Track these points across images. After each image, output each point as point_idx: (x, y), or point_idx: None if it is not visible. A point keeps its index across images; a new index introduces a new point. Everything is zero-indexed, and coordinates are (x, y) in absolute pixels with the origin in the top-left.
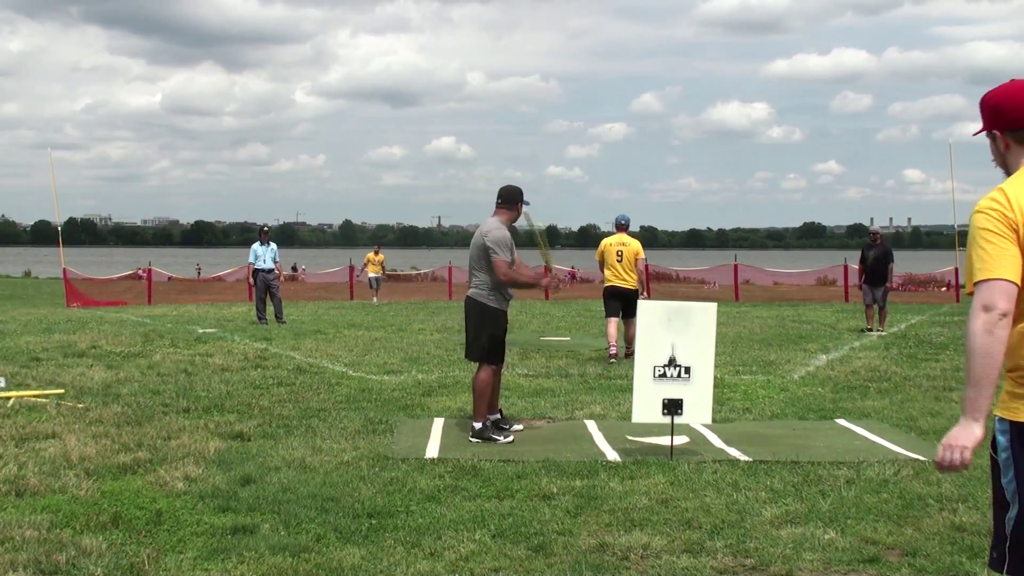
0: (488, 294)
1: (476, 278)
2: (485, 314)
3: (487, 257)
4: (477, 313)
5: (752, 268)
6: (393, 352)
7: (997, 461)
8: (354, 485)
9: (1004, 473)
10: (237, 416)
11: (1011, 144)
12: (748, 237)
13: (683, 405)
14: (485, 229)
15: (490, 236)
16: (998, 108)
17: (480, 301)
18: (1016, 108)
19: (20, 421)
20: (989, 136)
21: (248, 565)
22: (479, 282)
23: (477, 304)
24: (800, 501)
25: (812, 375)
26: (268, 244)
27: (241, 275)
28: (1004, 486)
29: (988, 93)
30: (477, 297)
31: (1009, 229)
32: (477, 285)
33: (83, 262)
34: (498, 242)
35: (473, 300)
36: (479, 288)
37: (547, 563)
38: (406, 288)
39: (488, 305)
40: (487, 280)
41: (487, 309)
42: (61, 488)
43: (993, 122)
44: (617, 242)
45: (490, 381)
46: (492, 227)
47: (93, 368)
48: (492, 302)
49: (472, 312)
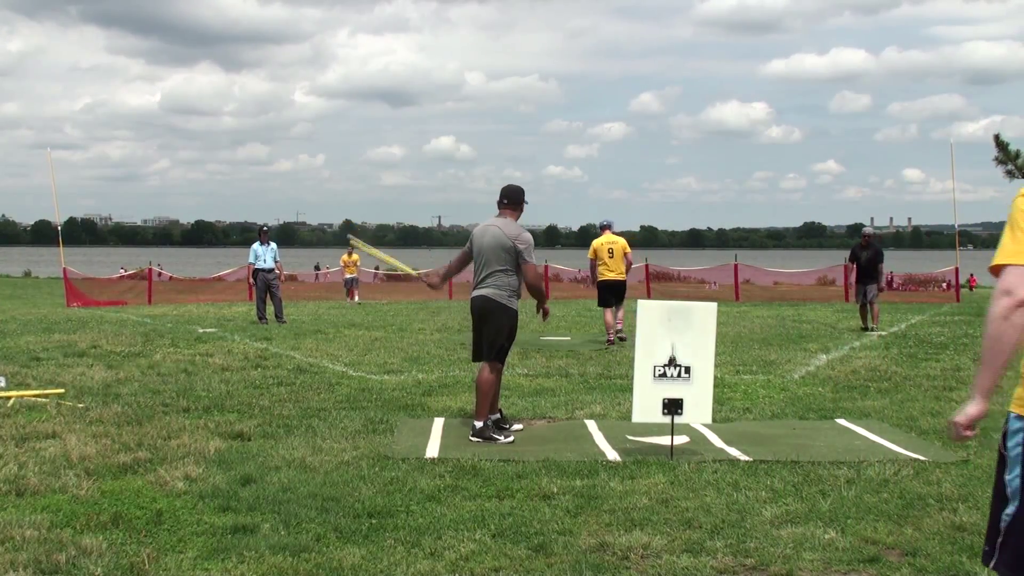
0: (509, 295)
1: (495, 279)
2: (507, 316)
3: (515, 260)
4: (497, 315)
5: (752, 268)
6: (393, 352)
7: (1005, 456)
8: (354, 485)
9: (1010, 469)
10: (237, 416)
11: None
12: (748, 237)
13: (683, 405)
14: (511, 232)
15: (521, 239)
16: None
17: (501, 303)
18: None
19: (20, 421)
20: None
21: (248, 565)
22: (500, 283)
23: (498, 306)
24: (800, 501)
25: (812, 375)
26: (268, 244)
27: (241, 275)
28: (1008, 482)
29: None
30: (498, 299)
31: None
32: (497, 286)
33: (83, 262)
34: (530, 246)
35: (494, 302)
36: (499, 289)
37: (547, 563)
38: (406, 288)
39: (510, 307)
40: (509, 282)
41: (509, 311)
42: (61, 488)
43: None
44: (607, 241)
45: (495, 380)
46: (518, 230)
47: (93, 368)
48: (513, 304)
49: (491, 314)
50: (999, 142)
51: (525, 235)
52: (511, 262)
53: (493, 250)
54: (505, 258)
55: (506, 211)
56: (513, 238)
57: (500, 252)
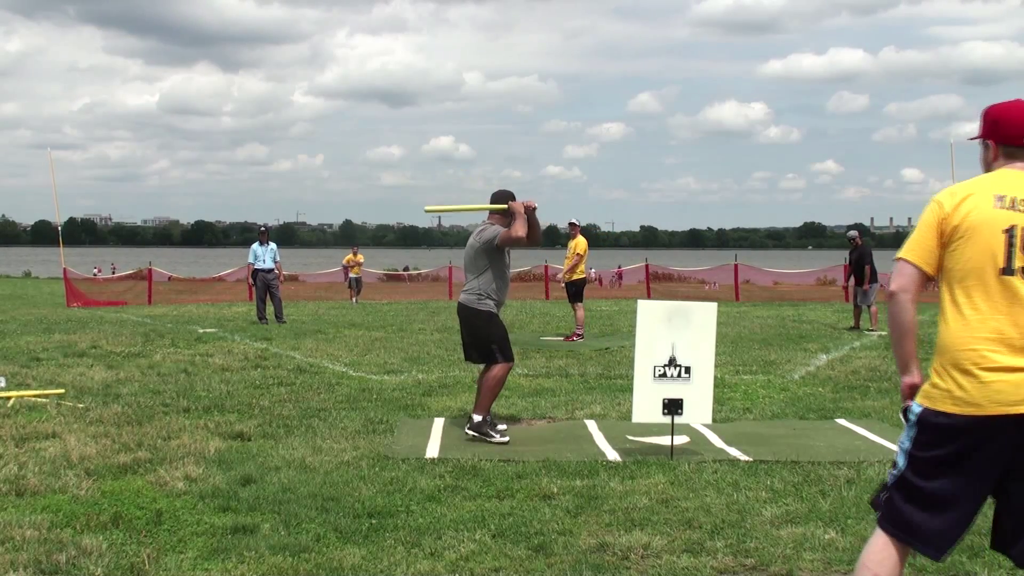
0: (478, 299)
1: (468, 284)
2: (479, 318)
3: (484, 259)
4: (471, 319)
5: (752, 268)
6: (393, 352)
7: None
8: (354, 485)
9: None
10: (237, 416)
11: (1000, 156)
12: (748, 237)
13: (683, 405)
14: (476, 231)
15: (481, 236)
16: (997, 122)
17: (471, 307)
18: (1012, 126)
19: (20, 421)
20: (983, 143)
21: (248, 565)
22: (470, 288)
23: (469, 310)
24: (800, 501)
25: (812, 375)
26: (267, 244)
27: (241, 275)
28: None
29: (993, 106)
30: (468, 303)
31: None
32: (467, 291)
33: (84, 262)
34: (491, 234)
35: (464, 307)
36: (469, 294)
37: (547, 563)
38: (406, 288)
39: (480, 310)
40: (476, 286)
41: (481, 314)
42: (61, 488)
43: (990, 133)
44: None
45: (503, 378)
46: (481, 227)
47: (93, 368)
48: (483, 306)
49: (465, 319)
50: None
51: (487, 230)
52: (481, 265)
53: (466, 257)
54: (475, 262)
55: (493, 216)
56: (475, 236)
57: (471, 256)
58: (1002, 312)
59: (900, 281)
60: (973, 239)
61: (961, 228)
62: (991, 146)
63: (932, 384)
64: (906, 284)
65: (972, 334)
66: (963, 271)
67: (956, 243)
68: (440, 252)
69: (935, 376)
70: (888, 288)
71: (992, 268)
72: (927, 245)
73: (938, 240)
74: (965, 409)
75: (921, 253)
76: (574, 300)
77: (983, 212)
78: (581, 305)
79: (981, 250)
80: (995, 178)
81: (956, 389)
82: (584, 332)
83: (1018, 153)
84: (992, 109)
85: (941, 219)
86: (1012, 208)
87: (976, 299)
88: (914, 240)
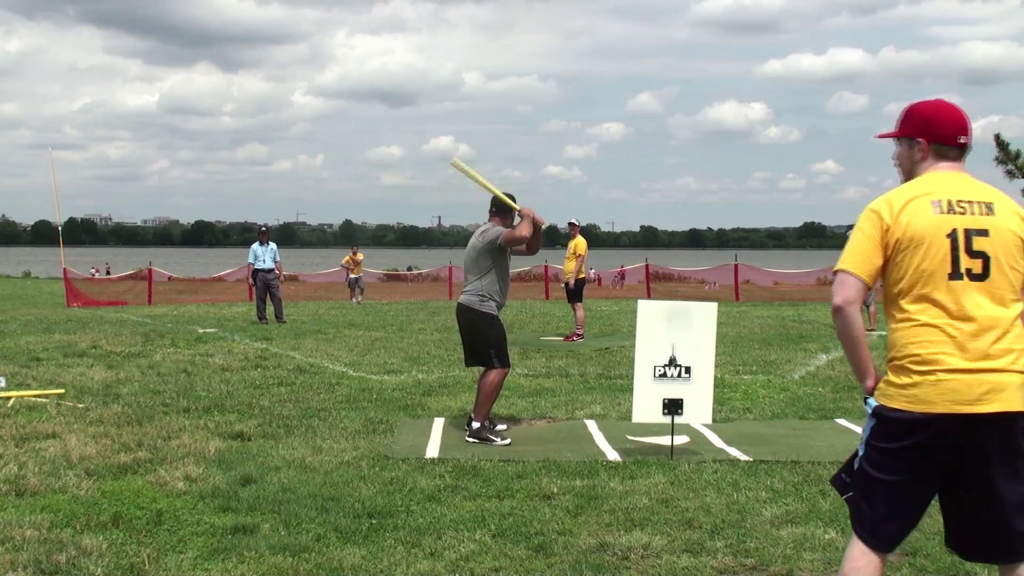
0: (480, 300)
1: (469, 285)
2: (481, 320)
3: (487, 260)
4: (472, 320)
5: (752, 268)
6: (393, 352)
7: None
8: (354, 485)
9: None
10: (237, 416)
11: (929, 156)
12: (748, 237)
13: (683, 405)
14: (478, 232)
15: (484, 236)
16: (930, 121)
17: (473, 308)
18: (945, 125)
19: (20, 421)
20: (909, 142)
21: (248, 565)
22: (471, 289)
23: (471, 311)
24: (800, 501)
25: (812, 375)
26: (267, 244)
27: (241, 275)
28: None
29: (918, 104)
30: (469, 304)
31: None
32: (469, 292)
33: (83, 263)
34: (494, 233)
35: (466, 308)
36: (470, 295)
37: (547, 563)
38: (406, 288)
39: (482, 311)
40: (479, 287)
41: (483, 315)
42: (61, 488)
43: (921, 131)
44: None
45: (499, 384)
46: (484, 228)
47: (93, 368)
48: (485, 308)
49: (467, 320)
50: (999, 142)
51: (490, 231)
52: (484, 266)
53: (467, 258)
54: (478, 263)
55: (495, 219)
56: (477, 237)
57: (473, 257)
58: (953, 316)
59: (845, 294)
60: (918, 249)
61: (904, 240)
62: (921, 145)
63: (887, 381)
64: (852, 296)
65: (925, 337)
66: (911, 280)
67: (901, 254)
68: (440, 252)
69: (891, 374)
70: (833, 301)
71: (941, 274)
72: (870, 258)
73: (881, 253)
74: (918, 406)
75: (864, 265)
76: (574, 300)
77: (923, 220)
78: (581, 305)
79: (927, 258)
80: (927, 183)
81: (910, 386)
82: (584, 332)
83: (949, 153)
84: (921, 107)
85: (883, 231)
86: (950, 212)
87: (926, 304)
88: (855, 251)
